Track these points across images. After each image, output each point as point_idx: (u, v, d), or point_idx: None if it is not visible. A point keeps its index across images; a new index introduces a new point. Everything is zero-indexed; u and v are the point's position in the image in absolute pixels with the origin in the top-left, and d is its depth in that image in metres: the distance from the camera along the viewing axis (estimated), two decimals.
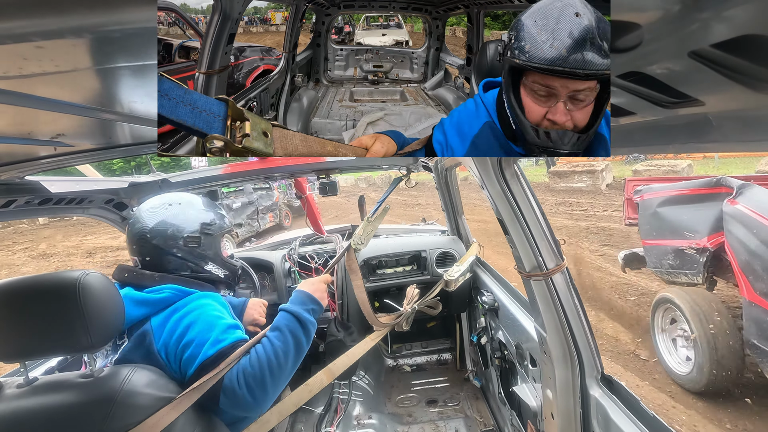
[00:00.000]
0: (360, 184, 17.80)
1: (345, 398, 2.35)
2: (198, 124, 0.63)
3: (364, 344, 1.53)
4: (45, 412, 0.80)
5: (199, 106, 0.64)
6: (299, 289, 1.19)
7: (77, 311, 0.80)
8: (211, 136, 0.63)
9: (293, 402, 1.23)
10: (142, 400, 0.83)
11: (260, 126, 0.68)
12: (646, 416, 0.94)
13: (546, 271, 1.07)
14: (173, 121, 0.62)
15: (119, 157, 1.08)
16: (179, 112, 0.62)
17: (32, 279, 0.84)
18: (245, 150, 0.65)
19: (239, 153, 0.66)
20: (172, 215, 1.17)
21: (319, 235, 2.68)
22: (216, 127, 0.65)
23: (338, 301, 2.30)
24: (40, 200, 1.21)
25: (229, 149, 0.65)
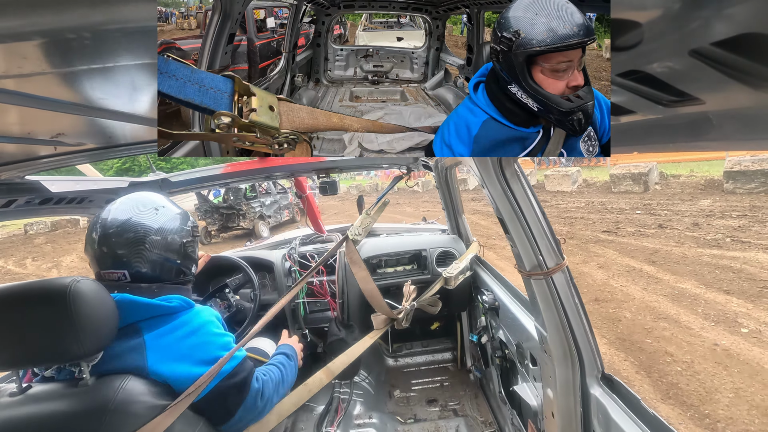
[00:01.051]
0: (352, 191, 18.19)
1: (346, 398, 2.35)
2: (206, 101, 0.64)
3: (363, 343, 1.53)
4: (38, 421, 0.78)
5: (206, 84, 0.65)
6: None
7: (68, 318, 0.78)
8: (219, 112, 0.65)
9: (293, 402, 1.23)
10: (136, 409, 0.82)
11: (267, 100, 0.69)
12: (647, 415, 0.94)
13: (546, 270, 1.07)
14: (181, 100, 0.63)
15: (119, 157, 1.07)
16: (187, 91, 0.62)
17: (22, 286, 0.82)
18: (252, 124, 0.66)
19: (246, 128, 0.67)
20: (168, 220, 1.08)
21: (320, 235, 2.68)
22: (223, 103, 0.66)
23: (338, 301, 2.30)
24: (40, 200, 1.21)
25: (236, 124, 0.66)
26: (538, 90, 0.78)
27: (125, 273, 1.01)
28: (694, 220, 6.95)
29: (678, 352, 3.33)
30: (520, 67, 0.76)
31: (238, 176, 1.95)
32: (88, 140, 0.86)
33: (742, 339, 3.37)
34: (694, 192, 8.91)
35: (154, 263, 1.04)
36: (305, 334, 2.30)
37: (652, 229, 6.85)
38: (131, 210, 1.05)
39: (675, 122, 0.57)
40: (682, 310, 3.99)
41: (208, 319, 1.03)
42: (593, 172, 12.44)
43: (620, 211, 8.50)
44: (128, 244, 1.01)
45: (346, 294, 2.32)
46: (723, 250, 5.43)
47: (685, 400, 2.77)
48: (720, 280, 4.54)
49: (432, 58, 3.22)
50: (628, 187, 10.07)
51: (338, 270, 2.33)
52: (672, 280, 4.75)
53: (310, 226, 2.66)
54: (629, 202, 9.09)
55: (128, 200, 1.07)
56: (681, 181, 9.83)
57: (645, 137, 0.67)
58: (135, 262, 1.01)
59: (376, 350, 2.80)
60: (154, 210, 1.08)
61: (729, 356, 3.17)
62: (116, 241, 1.00)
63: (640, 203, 8.79)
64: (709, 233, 6.17)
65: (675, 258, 5.40)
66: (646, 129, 0.64)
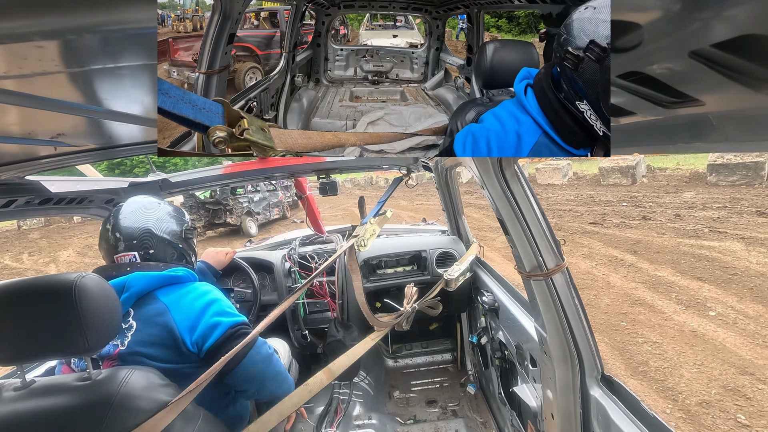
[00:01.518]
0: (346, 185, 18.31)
1: (345, 398, 2.35)
2: (199, 117, 0.65)
3: (364, 344, 1.53)
4: (42, 415, 0.79)
5: (198, 105, 0.65)
6: None
7: (74, 314, 0.80)
8: (214, 127, 0.64)
9: (293, 402, 1.23)
10: (139, 403, 0.83)
11: (257, 123, 0.69)
12: (647, 416, 0.94)
13: (546, 271, 1.07)
14: (176, 115, 0.63)
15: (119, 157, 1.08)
16: (181, 107, 0.63)
17: (28, 281, 0.83)
18: (247, 143, 0.66)
19: (241, 147, 0.67)
20: (170, 211, 1.29)
21: (320, 235, 2.68)
22: (216, 121, 0.66)
23: (338, 301, 2.30)
24: (40, 200, 1.21)
25: (231, 141, 0.66)
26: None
27: (135, 255, 1.18)
28: (676, 212, 7.16)
29: (650, 333, 3.59)
30: (605, 83, 0.61)
31: (238, 176, 1.95)
32: (88, 140, 0.86)
33: (708, 321, 3.65)
34: (679, 184, 9.09)
35: (158, 246, 1.21)
36: (305, 335, 2.30)
37: (636, 221, 7.09)
38: (137, 205, 1.25)
39: (675, 123, 0.57)
40: (657, 296, 4.26)
41: (211, 288, 1.20)
42: (583, 165, 12.53)
43: (607, 203, 8.76)
44: (136, 230, 1.19)
45: (345, 295, 2.32)
46: (700, 240, 5.65)
47: (653, 376, 3.04)
48: (694, 268, 4.81)
49: (432, 58, 3.22)
50: (616, 179, 10.21)
51: (338, 271, 2.33)
52: (650, 268, 4.98)
53: (310, 227, 2.66)
54: (617, 194, 9.30)
55: (134, 200, 1.28)
56: (667, 173, 10.01)
57: (645, 138, 0.67)
58: (143, 245, 1.19)
59: (376, 351, 2.80)
60: (157, 204, 1.28)
61: (696, 337, 3.44)
62: (126, 229, 1.19)
63: (627, 196, 9.03)
64: (689, 224, 6.41)
65: (655, 248, 5.65)
66: (646, 130, 0.64)
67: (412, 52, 3.35)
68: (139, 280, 1.07)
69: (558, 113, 0.70)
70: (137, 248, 1.18)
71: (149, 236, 1.20)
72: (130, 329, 1.04)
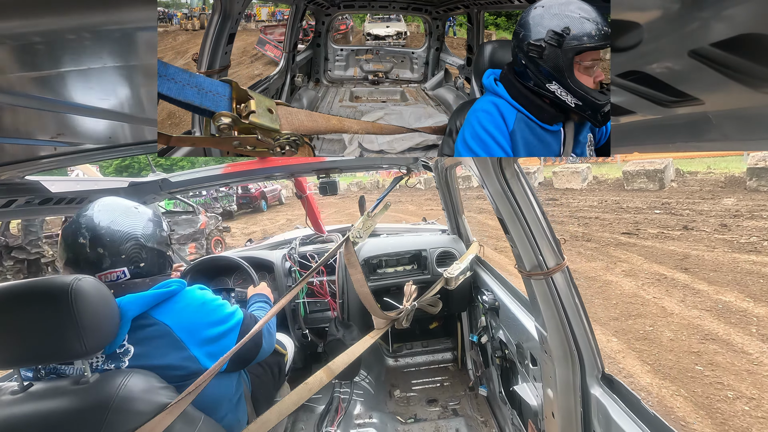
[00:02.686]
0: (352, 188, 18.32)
1: (346, 398, 2.35)
2: (205, 103, 0.65)
3: (364, 342, 1.53)
4: (40, 418, 0.78)
5: (205, 88, 0.65)
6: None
7: (70, 317, 0.79)
8: (219, 113, 0.64)
9: (293, 401, 1.23)
10: (138, 406, 0.82)
11: (265, 103, 0.69)
12: (647, 415, 0.94)
13: (546, 270, 1.07)
14: (181, 101, 0.63)
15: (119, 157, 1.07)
16: (186, 93, 0.63)
17: (24, 284, 0.82)
18: (252, 126, 0.66)
19: (247, 130, 0.67)
20: (150, 215, 1.12)
21: (320, 235, 2.68)
22: (222, 105, 0.66)
23: (339, 301, 2.30)
24: (40, 200, 1.21)
25: (236, 126, 0.66)
26: (581, 86, 0.81)
27: (124, 271, 1.03)
28: (721, 221, 6.39)
29: (739, 384, 2.76)
30: (567, 63, 0.79)
31: (238, 176, 1.95)
32: (88, 140, 0.86)
33: None
34: (715, 190, 8.39)
35: (149, 258, 1.08)
36: (305, 334, 2.30)
37: (677, 231, 6.32)
38: (113, 210, 1.05)
39: (675, 122, 0.57)
40: (732, 329, 3.42)
41: (201, 290, 1.13)
42: (603, 168, 11.96)
43: (637, 210, 8.01)
44: (123, 242, 1.02)
45: (346, 294, 2.32)
46: (762, 256, 4.83)
47: None
48: (766, 291, 3.96)
49: (432, 59, 3.22)
50: (642, 184, 9.56)
51: (338, 270, 2.33)
52: (711, 291, 4.18)
53: (310, 227, 2.66)
54: (645, 200, 8.58)
55: (104, 205, 1.06)
56: (699, 178, 9.26)
57: (645, 137, 0.67)
58: (133, 258, 1.04)
59: (377, 350, 2.80)
60: (134, 208, 1.11)
61: None
62: (111, 241, 1.00)
63: (658, 202, 8.30)
64: (741, 235, 5.58)
65: (709, 264, 4.86)
66: (646, 129, 0.64)
67: (412, 53, 3.34)
68: (133, 304, 0.95)
69: (528, 98, 0.86)
70: (126, 263, 1.02)
71: (139, 248, 1.04)
72: (127, 354, 0.94)
